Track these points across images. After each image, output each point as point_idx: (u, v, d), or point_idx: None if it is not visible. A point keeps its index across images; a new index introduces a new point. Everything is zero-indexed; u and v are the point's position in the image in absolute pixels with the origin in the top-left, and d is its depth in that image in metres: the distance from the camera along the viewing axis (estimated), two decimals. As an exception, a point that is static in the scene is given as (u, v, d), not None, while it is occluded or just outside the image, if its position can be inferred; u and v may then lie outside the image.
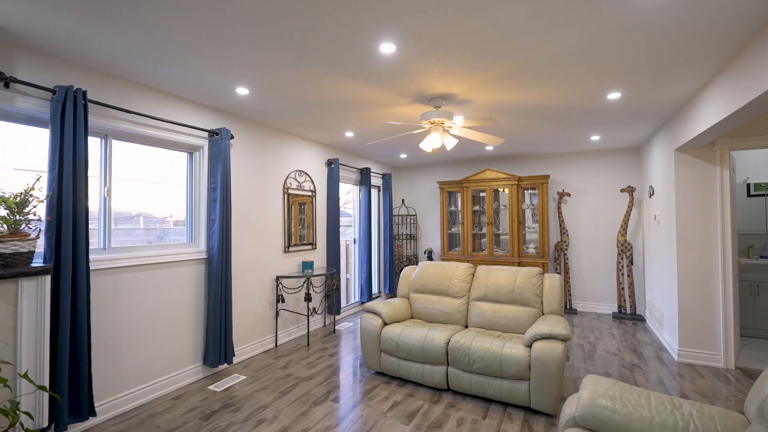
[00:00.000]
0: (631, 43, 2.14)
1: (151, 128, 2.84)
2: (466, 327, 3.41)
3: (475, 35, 2.07)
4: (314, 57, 2.33)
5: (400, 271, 6.64)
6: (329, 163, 4.92)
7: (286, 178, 4.23)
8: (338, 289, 4.67)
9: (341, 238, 5.66)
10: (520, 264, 5.49)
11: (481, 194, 6.13)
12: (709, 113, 2.69)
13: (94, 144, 2.65)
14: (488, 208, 5.70)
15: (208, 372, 3.25)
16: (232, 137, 3.41)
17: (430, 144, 3.11)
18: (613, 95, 3.01)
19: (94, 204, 2.65)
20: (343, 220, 6.06)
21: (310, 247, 4.59)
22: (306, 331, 4.45)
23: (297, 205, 4.41)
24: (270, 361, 3.59)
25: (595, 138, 4.62)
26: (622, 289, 5.21)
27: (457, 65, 2.45)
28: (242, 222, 3.65)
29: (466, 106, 3.26)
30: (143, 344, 2.78)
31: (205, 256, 3.24)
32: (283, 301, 3.96)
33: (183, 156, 3.27)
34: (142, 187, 3.02)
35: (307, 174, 4.58)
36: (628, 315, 5.14)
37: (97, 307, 2.51)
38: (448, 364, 2.92)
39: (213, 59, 2.36)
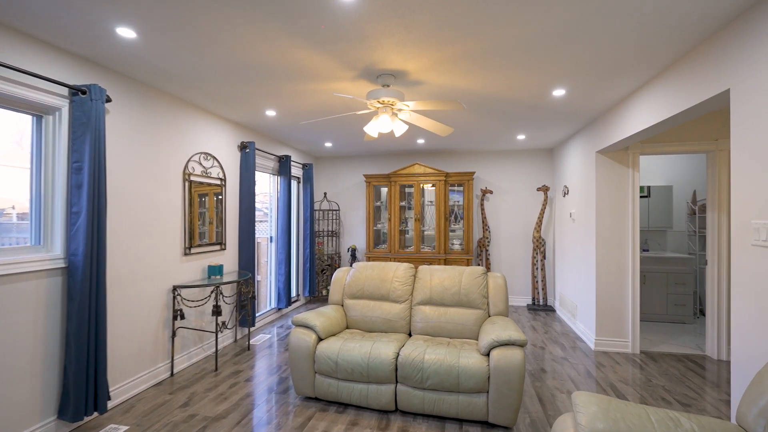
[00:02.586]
0: (600, 32, 2.02)
1: (-39, 70, 1.83)
2: (410, 335, 3.10)
3: (455, -7, 1.70)
4: (242, -9, 1.70)
5: (321, 271, 6.09)
6: (243, 146, 4.12)
7: (188, 162, 3.36)
8: (254, 297, 3.94)
9: (255, 236, 4.87)
10: (446, 261, 5.44)
11: (407, 189, 5.94)
12: (641, 118, 2.81)
13: None
14: (416, 204, 5.52)
15: (68, 429, 2.31)
16: (108, 100, 2.48)
17: (377, 128, 2.67)
18: (559, 92, 2.98)
19: None
20: (257, 215, 5.25)
21: (218, 247, 3.76)
22: (213, 351, 3.63)
23: (201, 196, 3.55)
24: (164, 397, 2.76)
25: (521, 137, 4.74)
26: (536, 282, 5.54)
27: (420, 33, 2.06)
28: (123, 216, 2.72)
29: (415, 89, 2.91)
30: (-54, 406, 1.78)
31: (62, 265, 2.28)
32: (182, 317, 3.12)
33: (26, 120, 2.25)
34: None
35: (215, 158, 3.73)
36: (541, 306, 5.49)
37: None
38: (397, 382, 2.55)
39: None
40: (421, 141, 5.01)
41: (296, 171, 5.58)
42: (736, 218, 1.87)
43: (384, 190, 6.07)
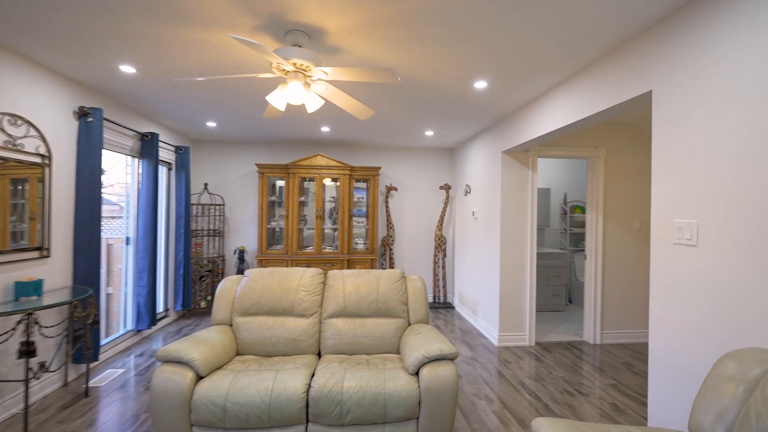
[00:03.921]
0: (546, 11, 1.87)
1: None
2: (319, 355, 2.59)
3: None
4: None
5: (200, 278, 5.04)
6: (84, 113, 2.98)
7: (-25, 124, 2.19)
8: (97, 322, 2.86)
9: (103, 237, 3.69)
10: (350, 262, 5.05)
11: (307, 184, 5.35)
12: (555, 117, 2.87)
13: None
14: (318, 199, 4.98)
15: None
16: None
17: (284, 99, 2.09)
18: (481, 84, 2.85)
19: None
20: (107, 209, 3.99)
21: (36, 253, 2.60)
22: (22, 407, 2.48)
23: (17, 182, 2.38)
24: None
25: (429, 133, 4.64)
26: (438, 280, 5.57)
27: (352, -26, 1.59)
28: None
29: (331, 58, 2.40)
30: None
31: None
32: (-41, 366, 1.98)
33: None
34: None
35: (31, 125, 2.57)
36: (441, 304, 5.55)
37: None
38: (309, 421, 2.02)
39: None
40: (325, 129, 4.49)
41: (166, 154, 4.45)
42: (657, 218, 1.91)
43: (280, 183, 5.34)
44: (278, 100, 2.11)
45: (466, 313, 4.97)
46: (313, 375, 2.17)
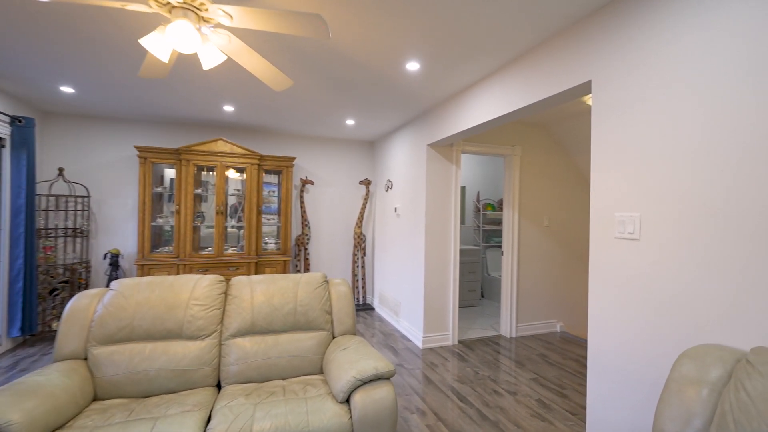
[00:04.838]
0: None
1: None
2: (219, 387, 2.03)
3: None
4: None
5: (52, 291, 3.86)
6: None
7: None
8: None
9: None
10: (258, 264, 4.41)
11: (203, 174, 4.53)
12: (486, 108, 2.75)
13: None
14: (219, 192, 4.23)
15: None
16: None
17: (168, 44, 1.51)
18: (413, 65, 2.58)
19: None
20: None
21: None
22: None
23: None
24: None
25: (350, 122, 4.26)
26: (357, 280, 5.25)
27: None
28: None
29: (236, 5, 1.87)
30: None
31: None
32: None
33: None
34: None
35: None
36: (361, 305, 5.24)
37: None
38: (203, 486, 1.49)
39: None
40: (229, 109, 3.80)
41: (-6, 126, 3.27)
42: (596, 212, 1.85)
43: (170, 172, 4.42)
44: (157, 45, 1.52)
45: (388, 314, 4.74)
46: (209, 419, 1.64)
